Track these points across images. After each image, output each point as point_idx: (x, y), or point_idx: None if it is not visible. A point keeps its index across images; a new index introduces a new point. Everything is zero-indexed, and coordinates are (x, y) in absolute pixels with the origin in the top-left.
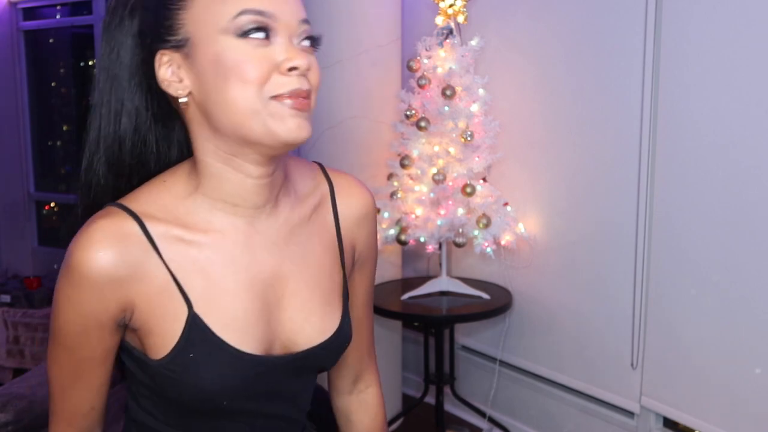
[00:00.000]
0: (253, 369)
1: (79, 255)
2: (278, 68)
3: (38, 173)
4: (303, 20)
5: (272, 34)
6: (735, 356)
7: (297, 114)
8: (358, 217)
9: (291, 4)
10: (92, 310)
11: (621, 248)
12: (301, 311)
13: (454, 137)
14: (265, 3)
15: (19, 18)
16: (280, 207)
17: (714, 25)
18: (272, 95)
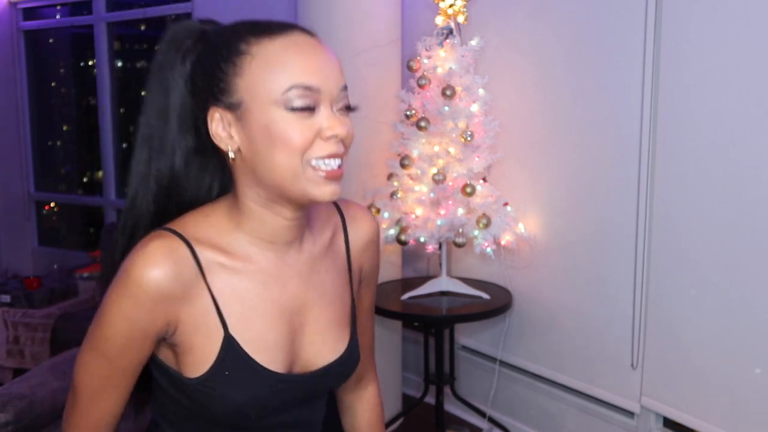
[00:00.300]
0: (278, 385)
1: (139, 271)
2: (320, 135)
3: (38, 173)
4: (342, 88)
5: (316, 105)
6: (735, 356)
7: (330, 182)
8: (365, 243)
9: (334, 75)
10: (141, 324)
11: (621, 248)
12: (319, 334)
13: (454, 137)
14: (311, 77)
15: (19, 18)
16: (304, 242)
17: (714, 25)
18: (311, 158)
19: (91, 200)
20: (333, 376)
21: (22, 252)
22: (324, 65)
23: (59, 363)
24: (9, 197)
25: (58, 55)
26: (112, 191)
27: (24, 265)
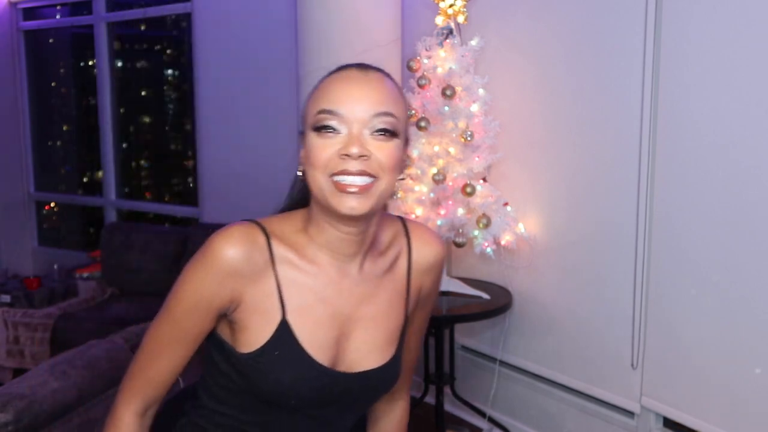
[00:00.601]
0: (319, 376)
1: (217, 246)
2: (339, 153)
3: (38, 173)
4: (377, 114)
5: (340, 128)
6: (735, 356)
7: (349, 195)
8: (429, 265)
9: (362, 100)
10: (209, 293)
11: (621, 248)
12: (365, 344)
13: (454, 137)
14: (337, 104)
15: (19, 18)
16: (366, 260)
17: (714, 25)
18: (331, 174)
19: (91, 200)
20: (371, 383)
21: (22, 252)
22: (355, 93)
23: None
24: (9, 197)
25: (58, 55)
26: (112, 191)
27: (24, 265)
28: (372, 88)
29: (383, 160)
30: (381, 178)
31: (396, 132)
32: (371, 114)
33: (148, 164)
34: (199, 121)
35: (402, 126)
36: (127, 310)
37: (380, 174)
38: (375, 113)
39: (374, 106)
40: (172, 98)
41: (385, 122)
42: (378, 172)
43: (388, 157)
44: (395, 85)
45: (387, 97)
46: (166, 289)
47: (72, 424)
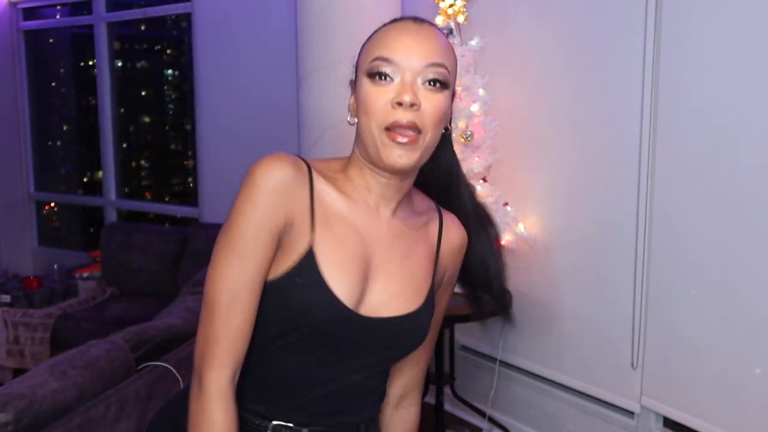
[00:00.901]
0: (338, 315)
1: (263, 168)
2: (392, 101)
3: (38, 173)
4: (429, 64)
5: (394, 75)
6: (735, 356)
7: (398, 146)
8: (455, 249)
9: (420, 51)
10: (267, 216)
11: (621, 248)
12: (392, 287)
13: (454, 137)
14: (392, 51)
15: (19, 18)
16: (399, 211)
17: (714, 25)
18: (383, 124)
19: (91, 200)
20: (389, 333)
21: (22, 252)
22: (410, 42)
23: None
24: (9, 197)
25: (58, 55)
26: (112, 191)
27: (24, 265)
28: (426, 40)
29: (431, 112)
30: (427, 132)
31: (447, 83)
32: (424, 64)
33: (148, 164)
34: (199, 121)
35: (452, 78)
36: (127, 310)
37: (427, 127)
38: (428, 63)
39: (428, 56)
40: (172, 98)
41: (437, 73)
42: (426, 125)
43: (436, 109)
44: (447, 41)
45: (440, 49)
46: (166, 289)
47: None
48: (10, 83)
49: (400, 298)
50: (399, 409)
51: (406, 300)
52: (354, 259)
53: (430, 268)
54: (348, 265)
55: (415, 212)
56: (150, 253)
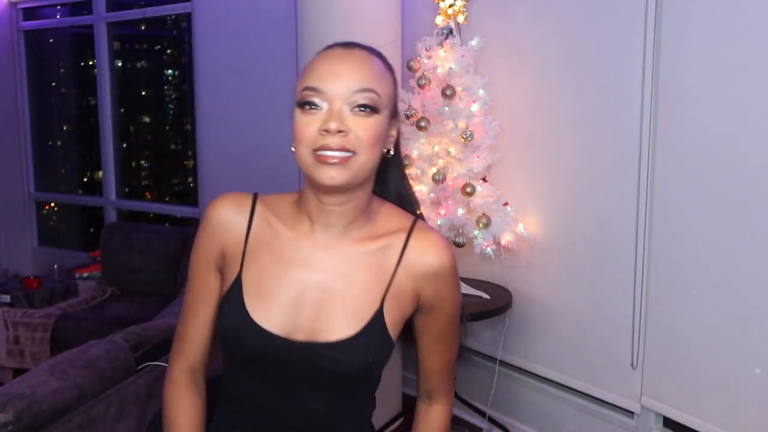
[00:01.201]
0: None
1: (209, 206)
2: (319, 129)
3: (38, 173)
4: (357, 90)
5: (322, 104)
6: (735, 356)
7: (330, 166)
8: (426, 271)
9: (344, 77)
10: (205, 249)
11: (621, 248)
12: (329, 314)
13: (454, 137)
14: (319, 80)
15: (19, 18)
16: (348, 235)
17: (714, 25)
18: (313, 149)
19: (91, 200)
20: (320, 357)
21: (22, 252)
22: (337, 69)
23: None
24: (9, 197)
25: (58, 55)
26: (112, 191)
27: (24, 265)
28: (354, 65)
29: (362, 135)
30: (359, 153)
31: (377, 108)
32: (351, 90)
33: (148, 164)
34: (199, 121)
35: (385, 102)
36: (127, 310)
37: (358, 149)
38: (355, 89)
39: (355, 82)
40: (172, 98)
41: (365, 98)
42: (356, 147)
43: (366, 132)
44: (382, 63)
45: (368, 74)
46: (166, 289)
47: (72, 424)
48: (10, 83)
49: (336, 322)
50: (427, 404)
51: (342, 325)
52: (283, 288)
53: (376, 297)
54: (275, 293)
55: (373, 236)
56: (150, 253)
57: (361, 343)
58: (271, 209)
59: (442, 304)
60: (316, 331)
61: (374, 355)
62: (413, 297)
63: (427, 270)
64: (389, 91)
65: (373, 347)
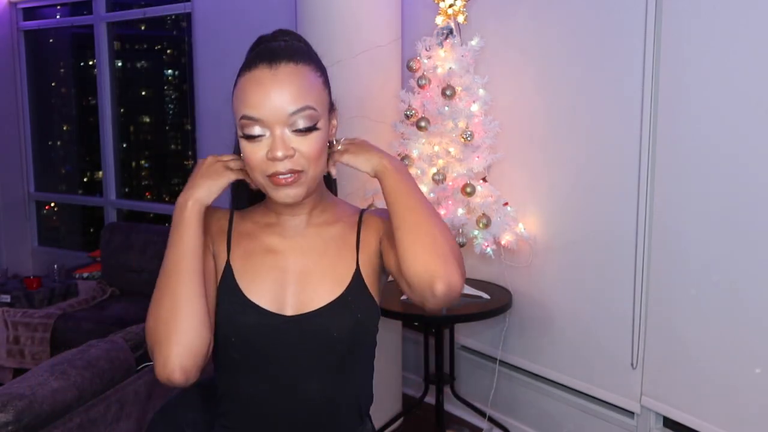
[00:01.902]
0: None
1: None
2: (266, 157)
3: (38, 173)
4: (292, 113)
5: (264, 131)
6: (735, 356)
7: (284, 187)
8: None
9: (277, 103)
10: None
11: (621, 248)
12: (312, 286)
13: (454, 137)
14: (253, 109)
15: (19, 18)
16: (312, 218)
17: (714, 25)
18: (266, 174)
19: (91, 200)
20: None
21: (22, 252)
22: (268, 97)
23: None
24: (9, 197)
25: (58, 55)
26: (112, 191)
27: (24, 265)
28: (283, 87)
29: (308, 153)
30: (308, 169)
31: (316, 122)
32: (287, 113)
33: (148, 164)
34: (199, 121)
35: (322, 109)
36: (127, 310)
37: (307, 166)
38: (291, 112)
39: (289, 104)
40: (172, 98)
41: (303, 117)
42: (305, 165)
43: (312, 149)
44: (308, 67)
45: (300, 92)
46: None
47: (72, 424)
48: (10, 83)
49: (320, 290)
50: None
51: (326, 291)
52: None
53: (350, 255)
54: (261, 275)
55: (332, 220)
56: (150, 253)
57: (347, 302)
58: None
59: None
60: (304, 303)
61: (362, 313)
62: (375, 249)
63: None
64: (322, 94)
65: (360, 306)
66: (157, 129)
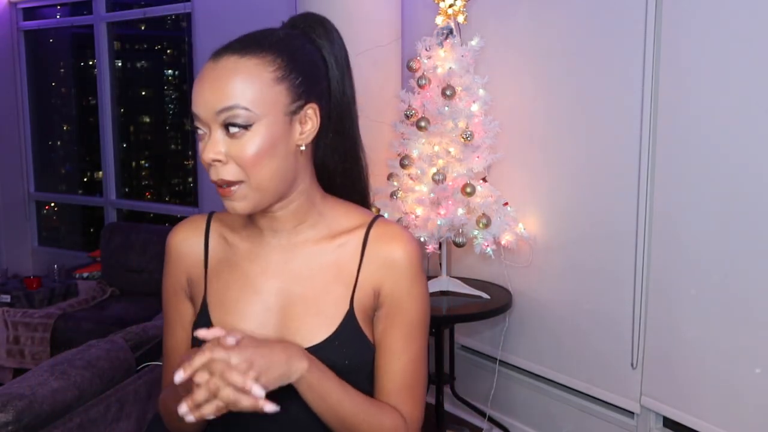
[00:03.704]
0: None
1: (168, 236)
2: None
3: (38, 173)
4: (219, 111)
5: (204, 129)
6: (735, 356)
7: (226, 199)
8: (383, 263)
9: (209, 98)
10: (171, 279)
11: (621, 248)
12: (296, 320)
13: (454, 137)
14: (194, 104)
15: (19, 18)
16: (301, 236)
17: (714, 25)
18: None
19: (91, 200)
20: None
21: (22, 252)
22: (203, 90)
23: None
24: (9, 197)
25: (58, 55)
26: (112, 191)
27: (24, 265)
28: (216, 82)
29: (240, 157)
30: (248, 179)
31: (248, 122)
32: (215, 111)
33: (148, 164)
34: None
35: (261, 109)
36: (127, 310)
37: (243, 176)
38: (218, 110)
39: (219, 101)
40: (172, 98)
41: (230, 117)
42: (240, 175)
43: (245, 154)
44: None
45: (229, 89)
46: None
47: (72, 424)
48: (10, 83)
49: (303, 329)
50: None
51: (311, 330)
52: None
53: (343, 290)
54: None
55: (331, 235)
56: (150, 253)
57: (334, 346)
58: (226, 224)
59: (400, 304)
60: (286, 338)
61: (351, 359)
62: (374, 293)
63: (386, 260)
64: (267, 92)
65: (350, 350)
66: (157, 129)
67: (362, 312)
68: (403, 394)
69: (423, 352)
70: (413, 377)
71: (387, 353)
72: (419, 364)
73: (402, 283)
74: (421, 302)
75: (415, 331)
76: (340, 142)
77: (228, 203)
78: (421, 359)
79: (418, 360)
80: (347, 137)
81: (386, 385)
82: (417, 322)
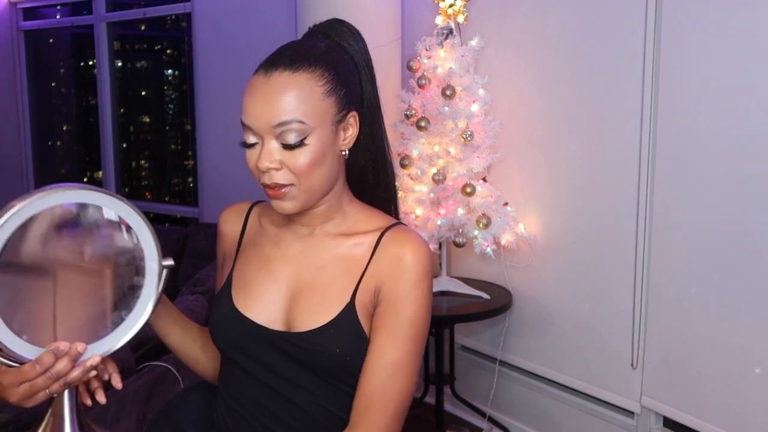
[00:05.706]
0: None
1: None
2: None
3: (38, 173)
4: (276, 125)
5: (256, 139)
6: (735, 356)
7: (275, 200)
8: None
9: (265, 112)
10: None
11: (621, 248)
12: (301, 305)
13: (454, 137)
14: (246, 116)
15: (19, 18)
16: (324, 230)
17: (714, 25)
18: (261, 183)
19: None
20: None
21: None
22: (256, 105)
23: None
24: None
25: (58, 55)
26: (112, 191)
27: None
28: (272, 96)
29: (295, 167)
30: (298, 183)
31: (304, 136)
32: (272, 125)
33: (148, 164)
34: (199, 121)
35: (317, 120)
36: None
37: (295, 180)
38: (275, 125)
39: (273, 116)
40: (172, 98)
41: (289, 131)
42: (292, 179)
43: (299, 164)
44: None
45: (286, 104)
46: (165, 289)
47: None
48: (10, 83)
49: (306, 313)
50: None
51: (311, 316)
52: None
53: (349, 283)
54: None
55: (349, 233)
56: None
57: (329, 334)
58: (264, 212)
59: (397, 304)
60: (290, 321)
61: (343, 348)
62: (375, 289)
63: (393, 259)
64: (319, 105)
65: (343, 340)
66: (157, 129)
67: (363, 306)
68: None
69: (410, 360)
70: (391, 383)
71: (372, 350)
72: (403, 372)
73: (403, 284)
74: (418, 307)
75: (405, 335)
76: (371, 142)
77: (277, 203)
78: (405, 367)
79: (403, 367)
80: (377, 137)
81: (364, 383)
82: (409, 327)
